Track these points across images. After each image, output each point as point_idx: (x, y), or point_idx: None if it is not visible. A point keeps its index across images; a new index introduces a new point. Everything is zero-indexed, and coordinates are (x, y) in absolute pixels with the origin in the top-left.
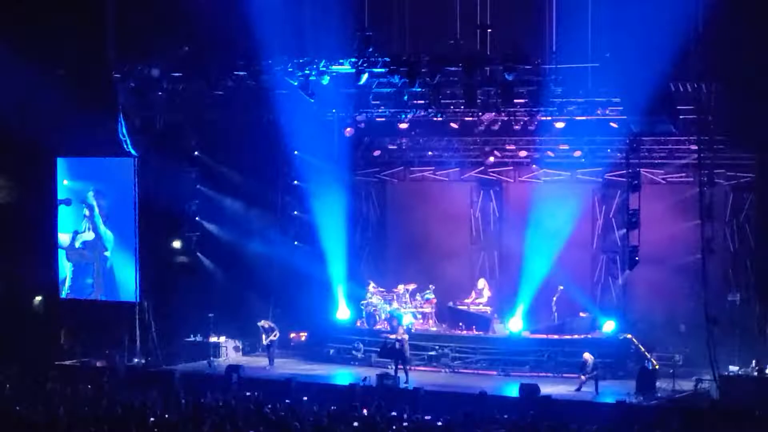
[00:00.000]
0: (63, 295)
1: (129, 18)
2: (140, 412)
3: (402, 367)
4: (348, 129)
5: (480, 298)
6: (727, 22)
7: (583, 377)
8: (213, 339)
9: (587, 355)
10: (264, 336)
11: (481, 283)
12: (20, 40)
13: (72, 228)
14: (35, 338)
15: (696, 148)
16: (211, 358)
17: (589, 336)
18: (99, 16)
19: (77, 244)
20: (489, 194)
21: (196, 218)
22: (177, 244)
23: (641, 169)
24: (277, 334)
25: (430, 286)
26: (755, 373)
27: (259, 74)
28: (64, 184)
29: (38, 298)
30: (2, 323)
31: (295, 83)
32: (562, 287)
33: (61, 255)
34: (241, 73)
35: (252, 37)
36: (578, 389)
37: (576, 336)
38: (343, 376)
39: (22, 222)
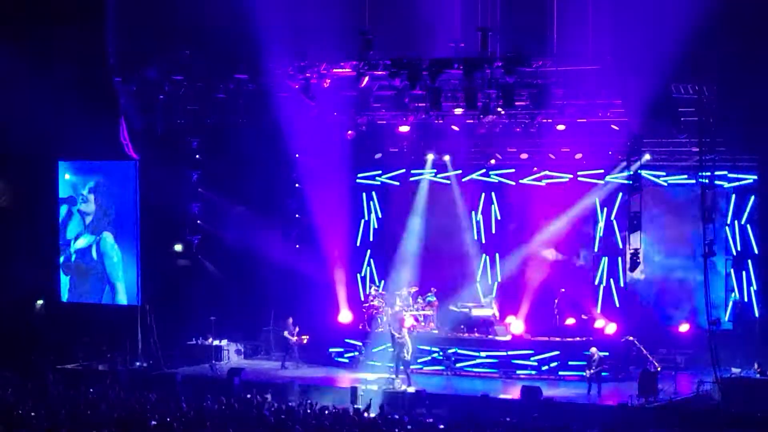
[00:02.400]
0: (64, 298)
1: (130, 21)
2: (142, 416)
3: (404, 369)
4: (349, 132)
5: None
6: (729, 23)
7: (587, 373)
8: (215, 342)
9: (594, 350)
10: (287, 332)
11: (488, 300)
12: (22, 44)
13: (68, 235)
14: (37, 342)
15: (697, 150)
16: (213, 362)
17: (591, 338)
18: (100, 19)
19: (72, 256)
20: (490, 197)
21: (198, 221)
22: (178, 247)
23: (642, 171)
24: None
25: (432, 288)
26: (757, 376)
27: (260, 77)
28: (66, 179)
29: (40, 302)
30: (4, 327)
31: (296, 86)
32: (563, 290)
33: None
34: (242, 76)
35: (253, 40)
36: (589, 390)
37: (578, 338)
38: (344, 378)
39: (24, 225)
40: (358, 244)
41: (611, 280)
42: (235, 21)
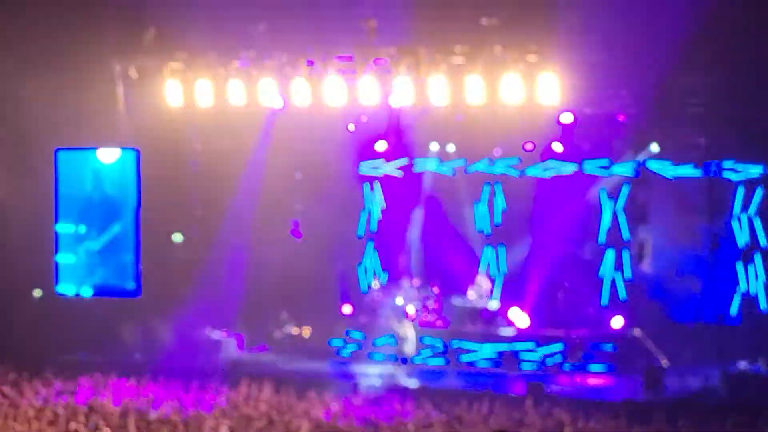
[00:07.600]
0: (62, 289)
1: (129, 9)
2: (140, 408)
3: (406, 363)
4: (351, 123)
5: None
6: (736, 12)
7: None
8: (214, 334)
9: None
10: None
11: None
12: (19, 31)
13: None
14: (34, 332)
15: (704, 141)
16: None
17: (597, 332)
18: (99, 6)
19: (70, 246)
20: (494, 188)
21: (199, 212)
22: (178, 238)
23: (649, 163)
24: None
25: (435, 281)
26: (764, 370)
27: (261, 65)
28: (64, 168)
29: (37, 292)
30: (1, 317)
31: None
32: (567, 283)
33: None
34: (244, 63)
35: (253, 29)
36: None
37: (583, 332)
38: (346, 372)
39: (21, 215)
40: (360, 235)
41: (617, 272)
42: (236, 8)
